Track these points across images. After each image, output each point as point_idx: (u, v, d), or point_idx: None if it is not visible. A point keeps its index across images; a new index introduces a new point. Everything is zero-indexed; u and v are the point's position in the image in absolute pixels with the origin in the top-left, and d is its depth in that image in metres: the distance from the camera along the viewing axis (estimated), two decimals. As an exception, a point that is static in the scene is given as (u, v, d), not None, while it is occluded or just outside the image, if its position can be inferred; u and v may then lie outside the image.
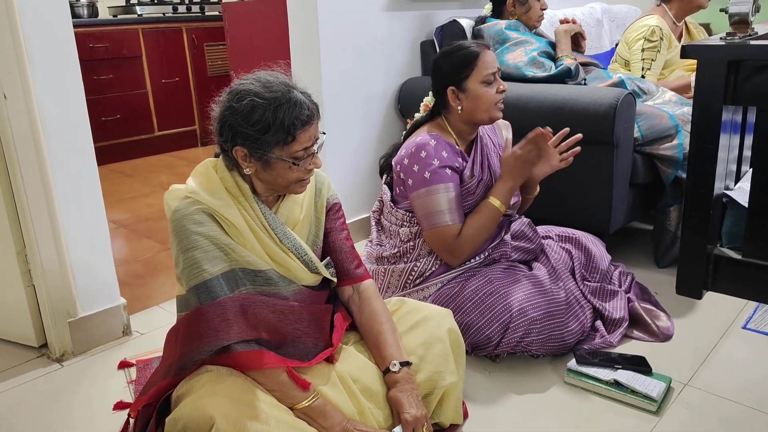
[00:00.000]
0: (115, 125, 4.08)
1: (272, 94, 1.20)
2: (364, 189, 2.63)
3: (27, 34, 1.58)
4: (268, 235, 1.29)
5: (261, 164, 1.24)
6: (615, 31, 3.23)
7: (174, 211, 1.24)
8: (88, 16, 4.12)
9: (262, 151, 1.22)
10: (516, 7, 2.40)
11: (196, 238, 1.21)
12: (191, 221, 1.22)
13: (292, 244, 1.31)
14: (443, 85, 1.70)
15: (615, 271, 1.97)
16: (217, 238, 1.23)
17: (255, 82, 1.23)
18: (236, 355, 1.20)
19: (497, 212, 1.69)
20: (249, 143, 1.22)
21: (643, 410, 1.51)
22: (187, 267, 1.21)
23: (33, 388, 1.66)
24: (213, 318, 1.19)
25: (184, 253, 1.22)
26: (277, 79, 1.24)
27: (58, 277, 1.74)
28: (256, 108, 1.19)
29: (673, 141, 2.12)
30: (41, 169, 1.66)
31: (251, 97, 1.20)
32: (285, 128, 1.20)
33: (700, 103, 1.13)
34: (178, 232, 1.23)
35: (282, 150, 1.22)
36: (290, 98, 1.21)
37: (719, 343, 1.78)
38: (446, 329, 1.40)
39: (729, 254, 1.21)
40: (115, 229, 2.89)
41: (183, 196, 1.25)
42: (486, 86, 1.67)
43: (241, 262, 1.25)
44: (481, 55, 1.67)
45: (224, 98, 1.25)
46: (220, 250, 1.23)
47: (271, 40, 3.24)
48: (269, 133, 1.20)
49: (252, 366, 1.21)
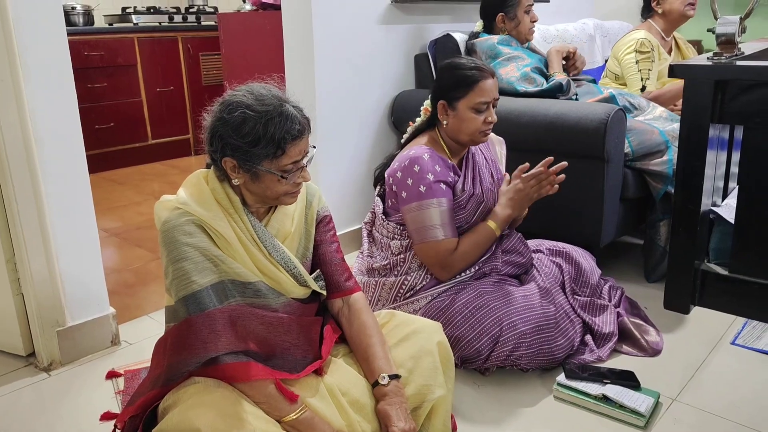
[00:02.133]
0: (109, 133, 4.08)
1: (264, 107, 1.20)
2: (356, 200, 2.64)
3: (21, 41, 1.59)
4: (257, 247, 1.29)
5: (250, 176, 1.24)
6: (607, 47, 3.27)
7: (164, 221, 1.24)
8: (84, 24, 4.12)
9: (251, 164, 1.22)
10: (505, 23, 2.43)
11: (185, 249, 1.21)
12: (181, 232, 1.22)
13: (281, 258, 1.31)
14: (438, 96, 1.71)
15: (605, 285, 1.98)
16: (206, 250, 1.23)
17: (248, 94, 1.23)
18: (224, 367, 1.19)
19: (493, 235, 1.74)
20: (238, 155, 1.22)
21: (631, 425, 1.51)
22: (177, 278, 1.21)
23: (20, 398, 1.65)
24: (201, 329, 1.18)
25: (174, 264, 1.21)
26: (270, 92, 1.24)
27: (48, 285, 1.74)
28: (247, 120, 1.20)
29: (663, 157, 2.14)
30: (32, 177, 1.66)
31: (243, 109, 1.20)
32: (275, 142, 1.20)
33: (687, 122, 1.14)
34: (167, 243, 1.23)
35: (271, 163, 1.22)
36: (282, 112, 1.21)
37: (708, 359, 1.78)
38: (436, 342, 1.40)
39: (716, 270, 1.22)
40: (105, 238, 2.88)
41: (173, 207, 1.25)
42: (474, 113, 1.66)
43: (231, 274, 1.25)
44: (481, 82, 1.65)
45: (216, 109, 1.25)
46: (209, 261, 1.23)
47: (265, 51, 3.26)
48: (259, 146, 1.20)
49: (240, 378, 1.20)
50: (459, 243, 1.70)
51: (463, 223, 1.73)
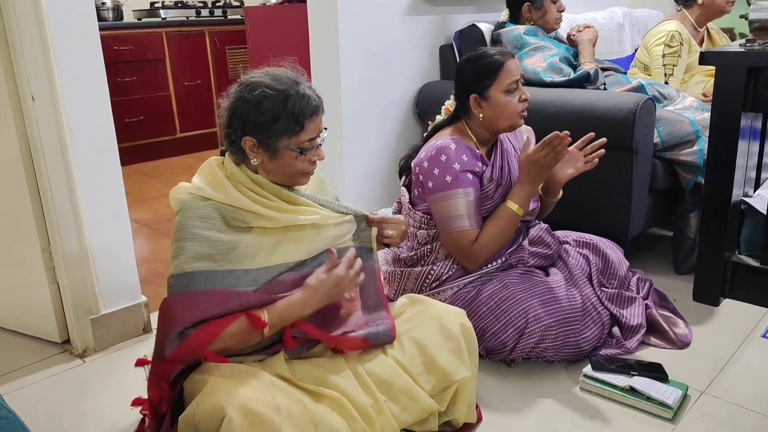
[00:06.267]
0: (138, 126, 4.15)
1: (282, 86, 1.29)
2: (382, 192, 2.65)
3: (54, 37, 1.62)
4: (285, 200, 1.36)
5: (268, 154, 1.32)
6: (636, 36, 3.20)
7: (180, 204, 1.32)
8: (113, 19, 4.19)
9: (270, 141, 1.30)
10: (532, 12, 2.40)
11: (191, 232, 1.28)
12: (193, 215, 1.29)
13: (314, 198, 1.40)
14: (466, 91, 1.71)
15: (633, 277, 1.96)
16: (210, 239, 1.28)
17: (265, 76, 1.31)
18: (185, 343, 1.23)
19: (515, 216, 1.68)
20: (258, 132, 1.29)
21: (658, 417, 1.50)
22: (175, 255, 1.29)
23: (56, 383, 1.70)
24: (174, 306, 1.26)
25: (177, 242, 1.30)
26: (285, 73, 1.32)
27: (81, 274, 1.78)
28: (266, 98, 1.28)
29: (694, 147, 2.10)
30: (66, 169, 1.70)
31: (262, 89, 1.28)
32: (294, 117, 1.28)
33: (718, 110, 1.13)
34: (178, 223, 1.31)
35: (290, 139, 1.30)
36: (298, 90, 1.30)
37: (738, 352, 1.76)
38: (459, 324, 1.41)
39: (747, 261, 1.20)
40: (136, 229, 2.94)
41: (188, 192, 1.33)
42: (508, 95, 1.67)
43: (243, 260, 1.30)
44: (505, 64, 1.66)
45: (235, 90, 1.32)
46: (211, 249, 1.28)
47: (291, 44, 3.27)
48: (279, 122, 1.28)
49: (202, 342, 1.23)
50: (482, 231, 1.69)
51: (490, 212, 1.73)
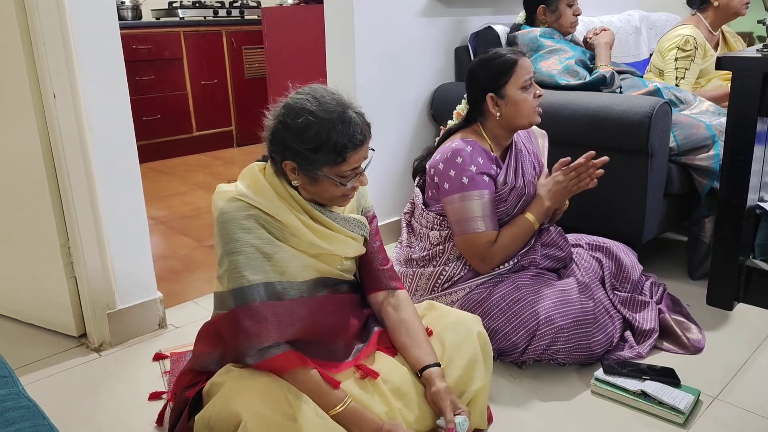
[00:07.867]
0: (156, 125, 4.20)
1: (327, 115, 1.20)
2: (396, 192, 2.66)
3: (76, 35, 1.65)
4: (321, 223, 1.32)
5: (308, 179, 1.26)
6: (653, 39, 3.19)
7: (221, 212, 1.26)
8: (132, 18, 4.24)
9: (311, 169, 1.23)
10: (546, 15, 2.40)
11: (241, 244, 1.24)
12: (239, 226, 1.24)
13: (344, 220, 1.35)
14: (481, 92, 1.72)
15: (646, 281, 1.95)
16: (261, 247, 1.25)
17: (311, 99, 1.22)
18: (270, 360, 1.21)
19: (531, 228, 1.74)
20: (299, 159, 1.23)
21: (670, 422, 1.49)
22: (230, 269, 1.24)
23: (72, 376, 1.73)
24: (244, 320, 1.21)
25: (228, 255, 1.24)
26: (333, 98, 1.23)
27: (99, 269, 1.81)
28: (309, 127, 1.20)
29: (710, 152, 2.09)
30: (86, 166, 1.73)
31: (306, 116, 1.20)
32: (336, 150, 1.21)
33: (734, 115, 1.13)
34: (223, 234, 1.25)
35: (331, 169, 1.24)
36: (344, 119, 1.21)
37: (751, 358, 1.75)
38: (476, 333, 1.41)
39: (761, 266, 1.20)
40: (153, 226, 2.97)
41: (232, 198, 1.27)
42: (524, 92, 1.69)
43: (278, 272, 1.27)
44: (519, 61, 1.69)
45: (279, 111, 1.25)
46: (262, 258, 1.25)
47: (307, 45, 3.30)
48: (320, 153, 1.21)
49: (283, 367, 1.22)
50: (498, 236, 1.71)
51: (503, 215, 1.73)
